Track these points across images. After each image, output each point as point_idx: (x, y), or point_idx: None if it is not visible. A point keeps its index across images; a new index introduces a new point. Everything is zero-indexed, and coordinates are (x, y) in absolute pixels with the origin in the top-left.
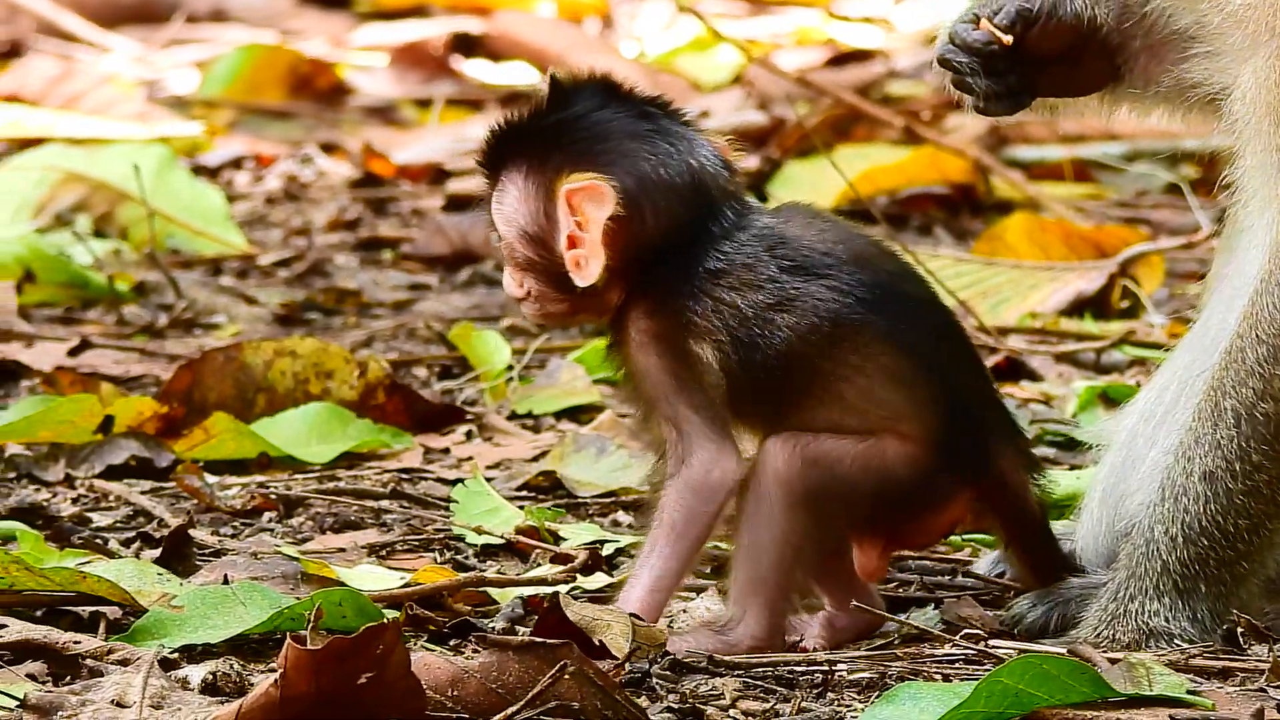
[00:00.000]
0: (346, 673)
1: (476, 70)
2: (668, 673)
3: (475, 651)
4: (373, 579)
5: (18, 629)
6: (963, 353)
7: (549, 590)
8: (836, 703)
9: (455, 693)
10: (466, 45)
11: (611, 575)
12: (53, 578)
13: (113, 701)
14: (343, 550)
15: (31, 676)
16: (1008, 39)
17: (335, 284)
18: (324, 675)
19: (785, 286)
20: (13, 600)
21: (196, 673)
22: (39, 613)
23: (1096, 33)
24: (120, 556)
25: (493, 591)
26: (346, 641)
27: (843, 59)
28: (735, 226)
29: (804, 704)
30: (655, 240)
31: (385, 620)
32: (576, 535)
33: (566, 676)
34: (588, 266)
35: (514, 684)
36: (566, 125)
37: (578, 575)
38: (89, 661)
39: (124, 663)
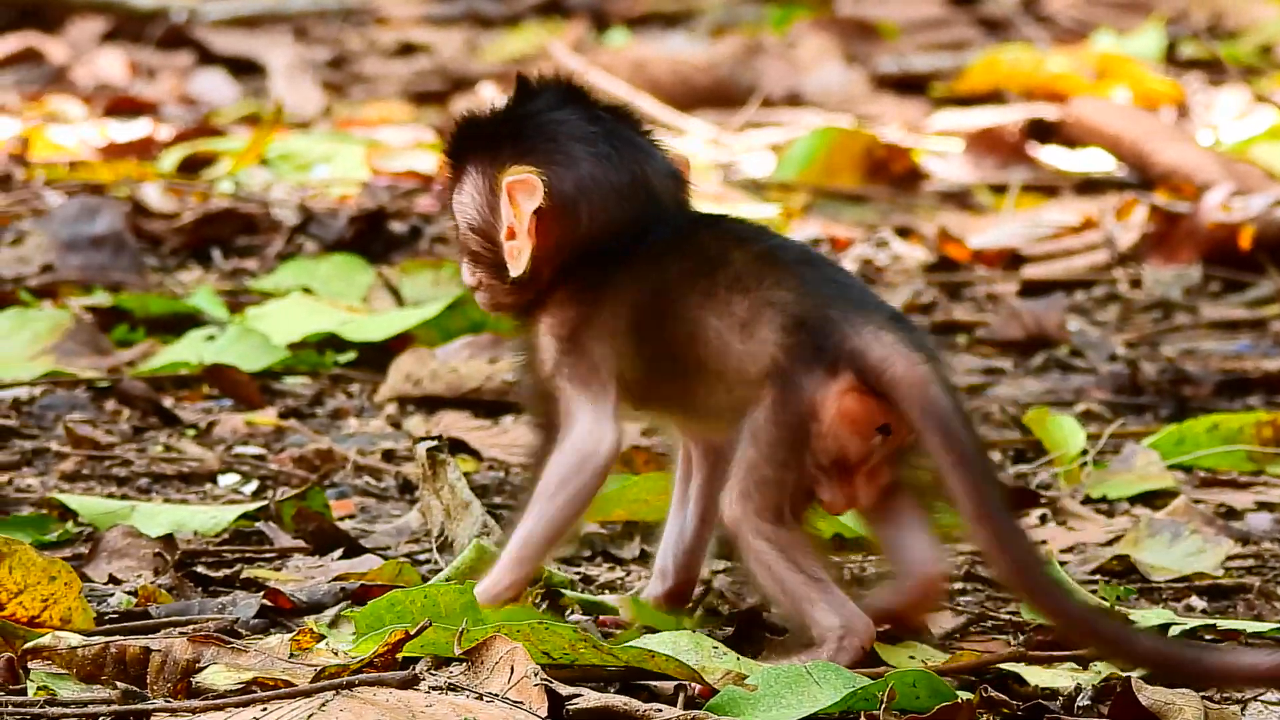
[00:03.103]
0: None
1: (1052, 156)
2: None
3: None
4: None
5: (595, 698)
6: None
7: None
8: None
9: None
10: (1042, 131)
11: None
12: (620, 655)
13: None
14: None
15: None
16: None
17: None
18: None
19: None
20: (577, 675)
21: None
22: (612, 689)
23: None
24: (693, 632)
25: (1062, 676)
26: None
27: None
28: (670, 234)
29: None
30: (589, 237)
31: (959, 700)
32: (1146, 619)
33: None
34: (519, 257)
35: None
36: (518, 121)
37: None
38: None
39: None
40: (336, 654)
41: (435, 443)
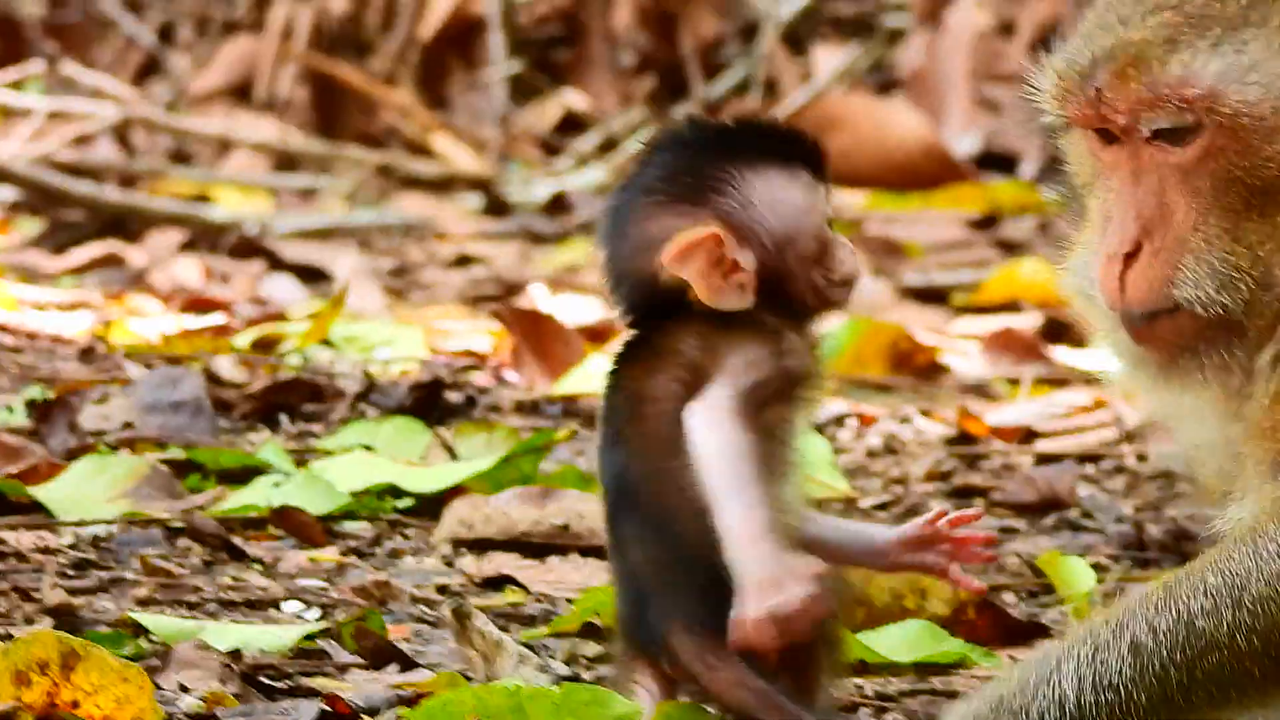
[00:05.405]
0: None
1: (1064, 355)
2: None
3: None
4: None
5: None
6: (643, 527)
7: None
8: None
9: None
10: (1055, 332)
11: None
12: None
13: None
14: None
15: None
16: None
17: None
18: None
19: None
20: None
21: None
22: None
23: None
24: None
25: None
26: None
27: None
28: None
29: None
30: None
31: None
32: None
33: None
34: None
35: None
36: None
37: None
38: None
39: None
40: None
41: (457, 602)
